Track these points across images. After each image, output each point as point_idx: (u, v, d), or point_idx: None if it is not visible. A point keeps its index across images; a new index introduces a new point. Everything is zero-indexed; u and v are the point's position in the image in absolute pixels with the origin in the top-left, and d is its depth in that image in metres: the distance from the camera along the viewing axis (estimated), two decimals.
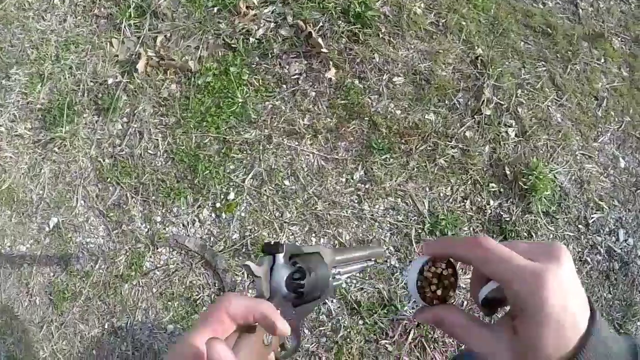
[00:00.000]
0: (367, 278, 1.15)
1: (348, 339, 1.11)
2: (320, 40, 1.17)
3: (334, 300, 1.13)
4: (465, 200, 1.23)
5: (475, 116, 1.28)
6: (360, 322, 1.12)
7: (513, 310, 0.28)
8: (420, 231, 1.18)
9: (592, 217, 1.23)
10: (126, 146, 1.22)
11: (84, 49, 1.35)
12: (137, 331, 1.19)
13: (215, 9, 1.27)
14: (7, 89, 1.43)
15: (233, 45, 1.21)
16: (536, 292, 0.26)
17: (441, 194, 1.21)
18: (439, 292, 0.31)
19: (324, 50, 1.17)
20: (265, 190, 1.15)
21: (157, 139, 1.20)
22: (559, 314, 0.27)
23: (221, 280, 1.13)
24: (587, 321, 0.27)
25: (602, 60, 1.37)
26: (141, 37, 1.27)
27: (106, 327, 1.22)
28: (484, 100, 1.29)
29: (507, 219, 1.23)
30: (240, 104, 1.17)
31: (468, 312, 0.32)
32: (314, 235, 1.14)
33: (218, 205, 1.15)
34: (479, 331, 0.29)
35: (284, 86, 1.19)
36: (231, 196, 1.15)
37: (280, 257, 0.37)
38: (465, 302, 1.14)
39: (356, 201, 1.16)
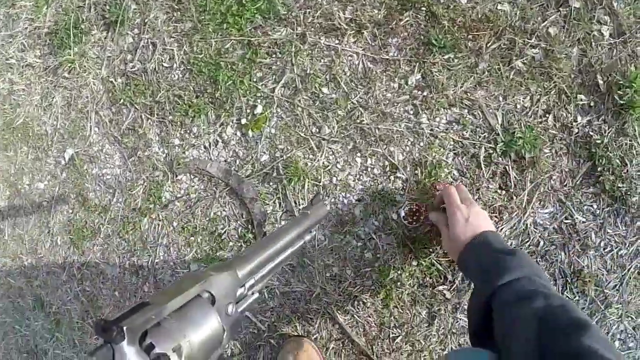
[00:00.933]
0: (424, 209, 0.93)
1: (398, 283, 0.92)
2: None
3: (383, 236, 0.93)
4: (547, 115, 0.97)
5: (561, 9, 0.99)
6: (414, 262, 0.92)
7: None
8: (491, 151, 0.94)
9: None
10: (138, 61, 1.06)
11: None
12: (159, 271, 1.06)
13: None
14: (14, 18, 1.31)
15: None
16: (451, 215, 0.75)
17: (518, 106, 0.95)
18: (414, 218, 0.89)
19: None
20: (300, 100, 0.94)
21: (172, 49, 1.03)
22: (461, 221, 0.72)
23: (249, 210, 0.96)
24: (476, 233, 0.71)
25: None
26: None
27: (127, 266, 1.10)
28: None
29: (598, 140, 0.96)
30: None
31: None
32: (359, 154, 0.93)
33: (244, 121, 0.96)
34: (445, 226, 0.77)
35: None
36: (259, 110, 0.96)
37: (123, 347, 0.24)
38: None
39: (411, 112, 0.93)
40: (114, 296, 1.14)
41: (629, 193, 0.93)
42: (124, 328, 0.24)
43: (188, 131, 1.01)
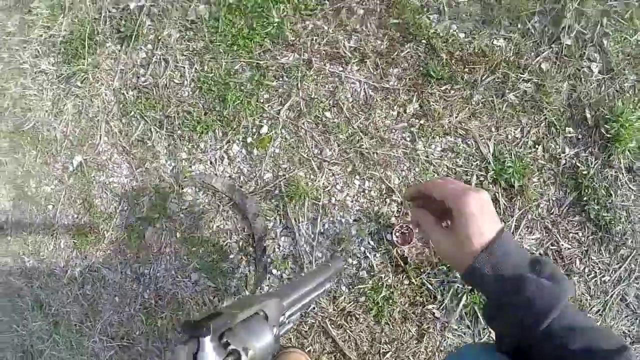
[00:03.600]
0: (416, 230, 0.98)
1: (390, 300, 0.97)
2: None
3: (377, 255, 0.98)
4: (537, 146, 1.02)
5: (553, 45, 1.05)
6: (406, 282, 0.97)
7: (451, 217, 0.48)
8: (482, 179, 0.99)
9: None
10: (150, 76, 1.11)
11: None
12: (161, 278, 1.10)
13: None
14: (29, 24, 1.35)
15: None
16: (463, 199, 0.47)
17: (509, 136, 1.01)
18: (405, 239, 0.89)
19: None
20: (303, 123, 0.99)
21: (183, 67, 1.07)
22: (478, 215, 0.46)
23: (250, 225, 1.00)
24: (498, 228, 0.47)
25: None
26: None
27: (129, 273, 1.14)
28: (564, 27, 1.06)
29: (584, 172, 1.01)
30: (276, 24, 1.01)
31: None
32: (357, 177, 0.98)
33: (249, 140, 1.01)
34: (435, 227, 0.51)
35: (327, 3, 1.01)
36: (264, 130, 1.00)
37: (207, 341, 0.29)
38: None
39: (409, 139, 0.98)
40: (114, 301, 1.17)
41: (613, 222, 0.98)
42: (210, 325, 0.29)
43: (195, 146, 1.05)
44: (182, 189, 1.05)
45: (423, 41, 0.99)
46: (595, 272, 0.98)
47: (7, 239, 1.37)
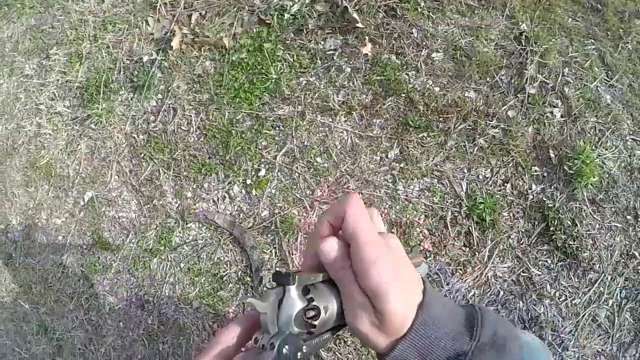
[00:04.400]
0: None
1: None
2: (356, 15, 1.14)
3: None
4: (505, 184, 1.16)
5: (519, 95, 1.20)
6: None
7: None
8: (456, 214, 1.11)
9: None
10: (160, 122, 1.23)
11: (121, 29, 1.37)
12: (164, 305, 1.19)
13: None
14: (47, 69, 1.48)
15: (267, 22, 1.19)
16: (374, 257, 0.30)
17: (480, 176, 1.14)
18: None
19: (360, 25, 1.14)
20: (297, 167, 1.12)
21: (190, 115, 1.20)
22: (391, 274, 0.30)
23: (248, 257, 1.11)
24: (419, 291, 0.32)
25: None
26: (176, 15, 1.28)
27: (134, 300, 1.23)
28: (527, 78, 1.21)
29: (550, 205, 1.14)
30: (274, 80, 1.15)
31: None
32: None
33: (249, 181, 1.13)
34: (356, 287, 0.32)
35: (319, 62, 1.16)
36: (262, 173, 1.13)
37: (292, 289, 0.32)
38: None
39: (390, 181, 1.11)
40: (119, 326, 1.25)
41: (579, 249, 1.08)
42: (296, 277, 0.32)
43: (200, 186, 1.17)
44: (187, 224, 1.16)
45: (403, 95, 1.14)
46: (566, 296, 1.06)
47: (15, 266, 1.45)
